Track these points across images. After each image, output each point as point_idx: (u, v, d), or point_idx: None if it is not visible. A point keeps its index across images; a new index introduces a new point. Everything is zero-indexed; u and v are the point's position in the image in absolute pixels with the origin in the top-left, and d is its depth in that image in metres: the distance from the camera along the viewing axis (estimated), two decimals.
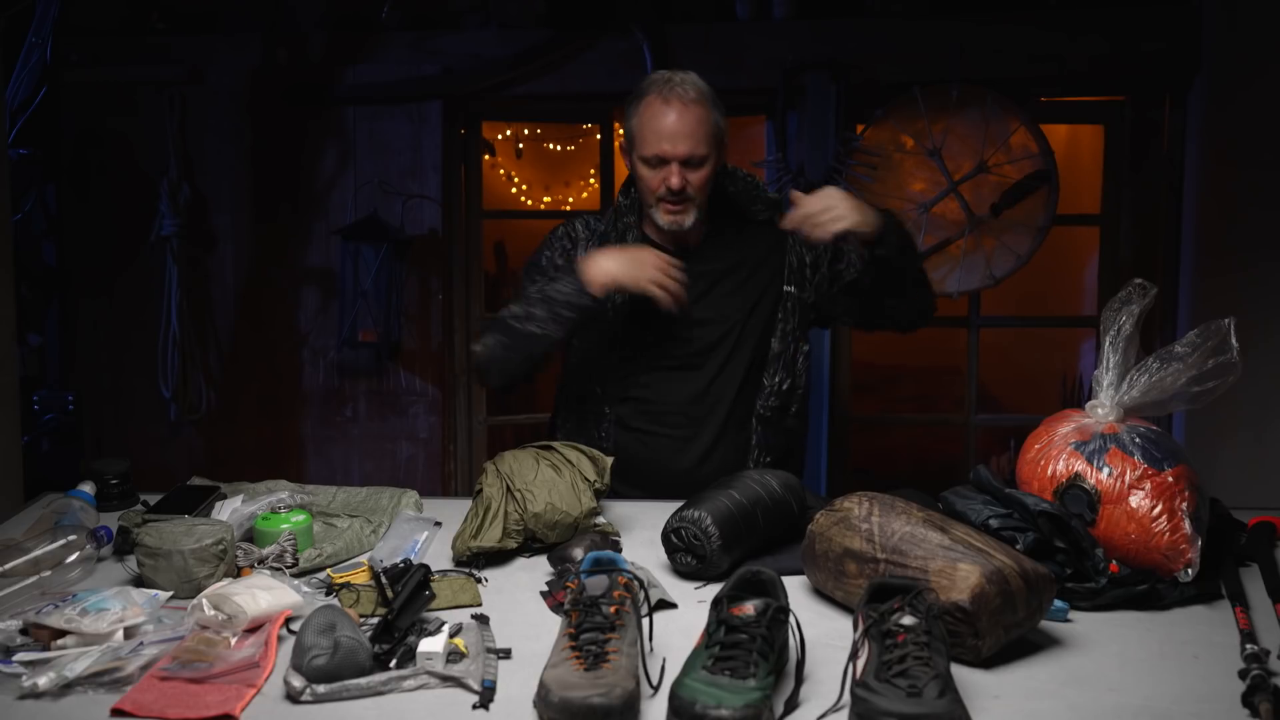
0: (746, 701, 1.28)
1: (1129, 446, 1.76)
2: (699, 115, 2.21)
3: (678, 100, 2.21)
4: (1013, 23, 3.73)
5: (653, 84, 2.25)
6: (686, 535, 1.81)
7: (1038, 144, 3.70)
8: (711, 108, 2.24)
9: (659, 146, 2.20)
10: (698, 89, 2.23)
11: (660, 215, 2.26)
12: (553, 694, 1.31)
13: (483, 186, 4.14)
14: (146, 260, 3.89)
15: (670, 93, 2.21)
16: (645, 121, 2.23)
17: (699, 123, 2.20)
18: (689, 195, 2.23)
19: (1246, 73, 3.52)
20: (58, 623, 1.50)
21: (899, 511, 1.66)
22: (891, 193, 3.75)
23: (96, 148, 3.90)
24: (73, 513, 1.94)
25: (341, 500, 2.16)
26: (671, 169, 2.20)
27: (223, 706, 1.36)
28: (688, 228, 2.27)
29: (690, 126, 2.20)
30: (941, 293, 3.78)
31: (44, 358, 3.96)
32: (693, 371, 2.33)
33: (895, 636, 1.35)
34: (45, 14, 3.72)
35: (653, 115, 2.22)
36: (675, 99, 2.21)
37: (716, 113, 2.25)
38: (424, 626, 1.55)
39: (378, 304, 3.81)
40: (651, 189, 2.25)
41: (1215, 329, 1.77)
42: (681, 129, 2.19)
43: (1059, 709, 1.38)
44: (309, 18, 3.90)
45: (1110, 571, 1.69)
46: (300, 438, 4.00)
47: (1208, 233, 3.68)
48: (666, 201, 2.24)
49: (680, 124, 2.19)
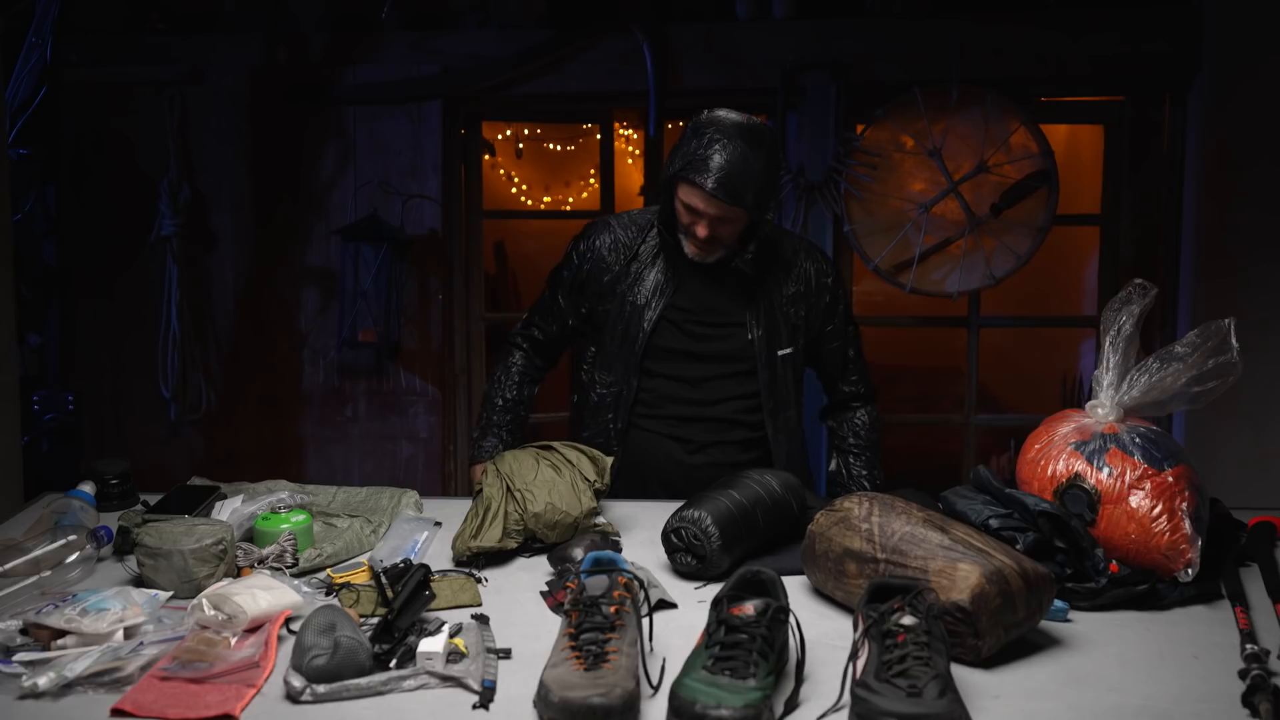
0: (746, 701, 1.28)
1: (1129, 446, 1.76)
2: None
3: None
4: (1013, 23, 3.73)
5: (709, 132, 2.10)
6: (686, 535, 1.81)
7: (1038, 144, 3.70)
8: (763, 171, 2.12)
9: (697, 200, 2.13)
10: (753, 152, 2.10)
11: (687, 245, 2.22)
12: (553, 694, 1.31)
13: (483, 186, 4.14)
14: (146, 260, 3.90)
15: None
16: (691, 172, 2.11)
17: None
18: (720, 241, 2.19)
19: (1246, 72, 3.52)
20: (58, 623, 1.50)
21: (899, 511, 1.66)
22: (891, 193, 3.76)
23: (96, 148, 3.91)
24: (73, 513, 1.94)
25: (341, 500, 2.16)
26: (701, 222, 2.15)
27: (223, 706, 1.36)
28: (712, 261, 2.24)
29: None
30: (941, 293, 3.79)
31: (44, 358, 3.97)
32: (703, 366, 2.32)
33: (895, 636, 1.35)
34: (45, 14, 3.72)
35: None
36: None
37: (767, 175, 2.14)
38: (424, 626, 1.55)
39: (378, 304, 3.81)
40: (682, 222, 2.20)
41: (1215, 329, 1.77)
42: (719, 205, 2.12)
43: (1059, 709, 1.38)
44: (309, 18, 3.90)
45: (1110, 571, 1.69)
46: (300, 438, 4.00)
47: (1208, 233, 3.68)
48: (693, 240, 2.19)
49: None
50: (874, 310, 4.96)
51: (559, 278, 2.41)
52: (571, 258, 2.38)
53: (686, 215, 2.17)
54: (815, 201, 3.80)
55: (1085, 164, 4.37)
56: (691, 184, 2.11)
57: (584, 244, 2.37)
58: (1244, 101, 3.54)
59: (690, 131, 2.15)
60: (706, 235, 2.16)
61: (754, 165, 2.09)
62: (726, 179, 2.08)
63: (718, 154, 2.08)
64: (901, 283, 3.78)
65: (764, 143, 2.12)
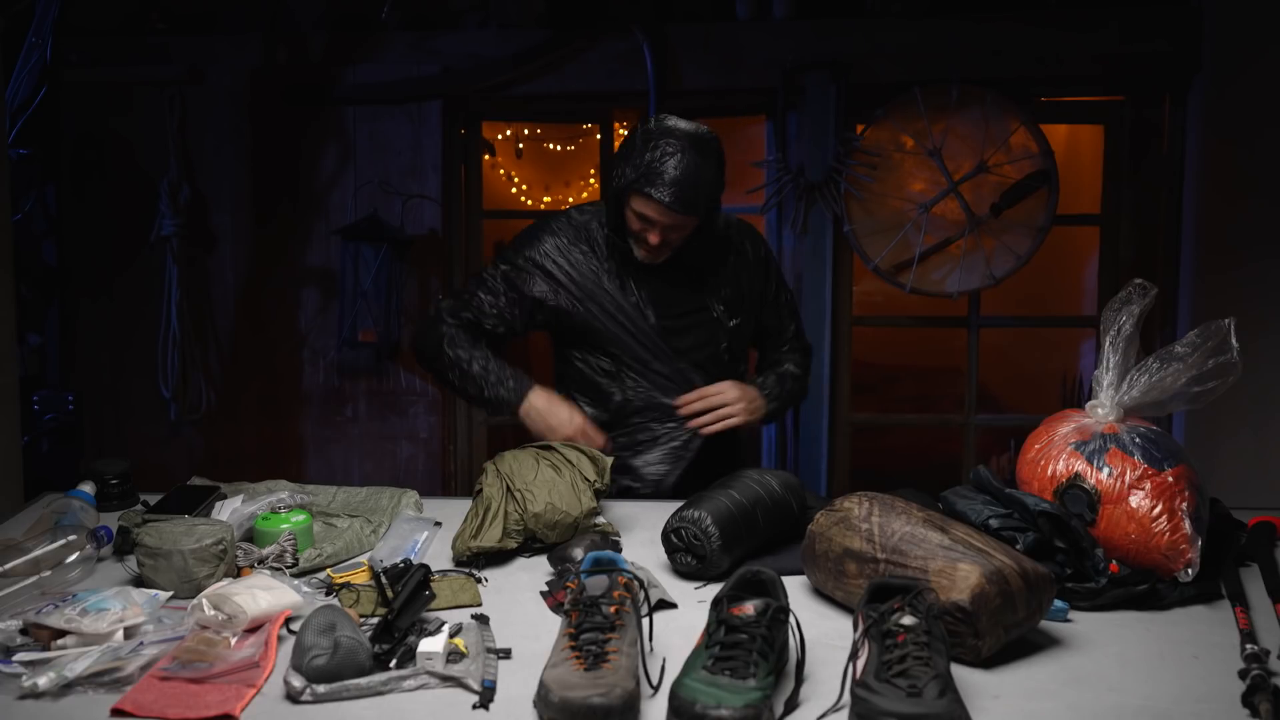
0: (746, 701, 1.28)
1: (1129, 446, 1.76)
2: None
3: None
4: (1012, 22, 3.73)
5: (662, 144, 2.14)
6: (686, 535, 1.82)
7: (1038, 144, 3.70)
8: (714, 179, 2.17)
9: (651, 210, 2.16)
10: (704, 161, 2.15)
11: (637, 250, 2.25)
12: (553, 694, 1.31)
13: (483, 186, 4.14)
14: (146, 260, 3.90)
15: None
16: (645, 184, 2.13)
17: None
18: (669, 245, 2.23)
19: (1246, 72, 3.52)
20: (58, 623, 1.50)
21: (899, 511, 1.66)
22: (891, 193, 3.76)
23: (96, 148, 3.91)
24: (73, 513, 1.94)
25: (341, 500, 2.16)
26: (654, 230, 2.19)
27: (223, 706, 1.36)
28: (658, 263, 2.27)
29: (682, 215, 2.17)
30: (941, 293, 3.79)
31: (44, 358, 3.97)
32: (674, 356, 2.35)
33: (895, 636, 1.34)
34: (45, 14, 3.72)
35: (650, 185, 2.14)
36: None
37: (717, 181, 2.20)
38: (424, 626, 1.55)
39: (378, 304, 3.82)
40: (632, 229, 2.23)
41: (1215, 329, 1.77)
42: (674, 215, 2.16)
43: (1059, 709, 1.38)
44: (309, 18, 3.90)
45: (1110, 571, 1.69)
46: (300, 438, 4.00)
47: (1208, 232, 3.68)
48: (644, 246, 2.22)
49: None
50: (874, 310, 4.96)
51: (506, 260, 2.33)
52: (521, 244, 2.34)
53: (638, 223, 2.20)
54: (815, 201, 3.80)
55: (1085, 164, 4.37)
56: (647, 197, 2.14)
57: (531, 239, 2.33)
58: (1244, 101, 3.54)
59: (640, 142, 2.17)
60: (659, 242, 2.20)
61: (706, 174, 2.15)
62: (680, 191, 2.12)
63: (671, 166, 2.12)
64: (901, 283, 3.78)
65: (713, 150, 2.18)
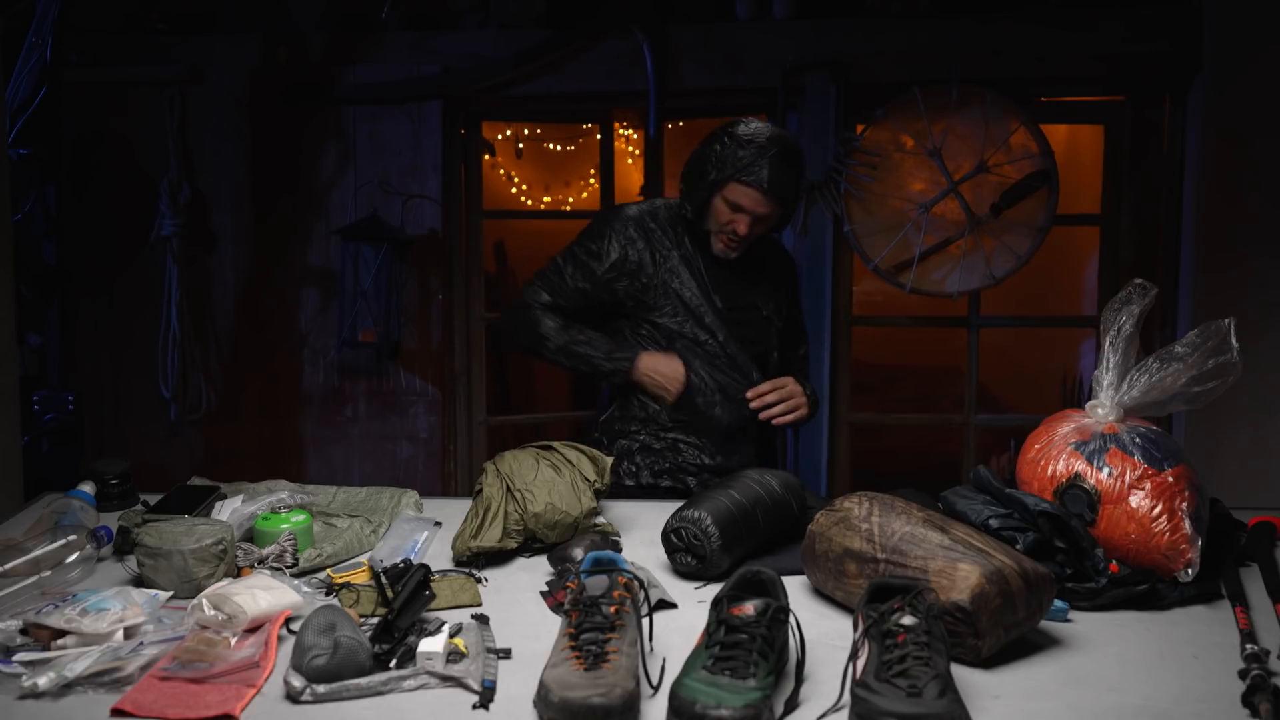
0: (746, 701, 1.28)
1: (1129, 446, 1.76)
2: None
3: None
4: (1012, 22, 3.73)
5: (759, 139, 2.32)
6: (686, 535, 1.82)
7: (1038, 144, 3.70)
8: (799, 179, 2.40)
9: (747, 200, 2.31)
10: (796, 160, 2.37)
11: (716, 244, 2.40)
12: (553, 694, 1.31)
13: (483, 186, 4.14)
14: (146, 260, 3.90)
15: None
16: (747, 175, 2.31)
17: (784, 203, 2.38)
18: (748, 239, 2.37)
19: (1246, 72, 3.52)
20: (58, 623, 1.50)
21: (899, 511, 1.66)
22: (891, 193, 3.76)
23: (96, 148, 3.91)
24: (73, 513, 1.94)
25: (341, 500, 2.16)
26: (744, 219, 2.34)
27: (223, 706, 1.36)
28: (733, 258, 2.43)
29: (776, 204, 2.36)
30: (941, 293, 3.79)
31: (44, 358, 3.97)
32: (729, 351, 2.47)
33: (895, 636, 1.34)
34: (45, 14, 3.72)
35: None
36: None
37: (800, 184, 2.42)
38: (424, 626, 1.55)
39: (378, 304, 3.82)
40: (719, 221, 2.37)
41: (1215, 329, 1.77)
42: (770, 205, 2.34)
43: (1059, 709, 1.38)
44: (309, 18, 3.90)
45: (1110, 571, 1.69)
46: (300, 438, 4.00)
47: (1208, 232, 3.68)
48: (727, 237, 2.38)
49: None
50: (874, 310, 4.95)
51: (585, 250, 2.45)
52: (600, 231, 2.46)
53: (728, 214, 2.35)
54: (815, 201, 3.80)
55: (1085, 164, 4.37)
56: (748, 185, 2.31)
57: (612, 224, 2.46)
58: (1244, 101, 3.54)
59: (730, 140, 2.34)
60: (746, 232, 2.35)
61: (797, 170, 2.38)
62: (779, 181, 2.32)
63: (770, 160, 2.31)
64: (901, 283, 3.78)
65: (800, 152, 2.41)
